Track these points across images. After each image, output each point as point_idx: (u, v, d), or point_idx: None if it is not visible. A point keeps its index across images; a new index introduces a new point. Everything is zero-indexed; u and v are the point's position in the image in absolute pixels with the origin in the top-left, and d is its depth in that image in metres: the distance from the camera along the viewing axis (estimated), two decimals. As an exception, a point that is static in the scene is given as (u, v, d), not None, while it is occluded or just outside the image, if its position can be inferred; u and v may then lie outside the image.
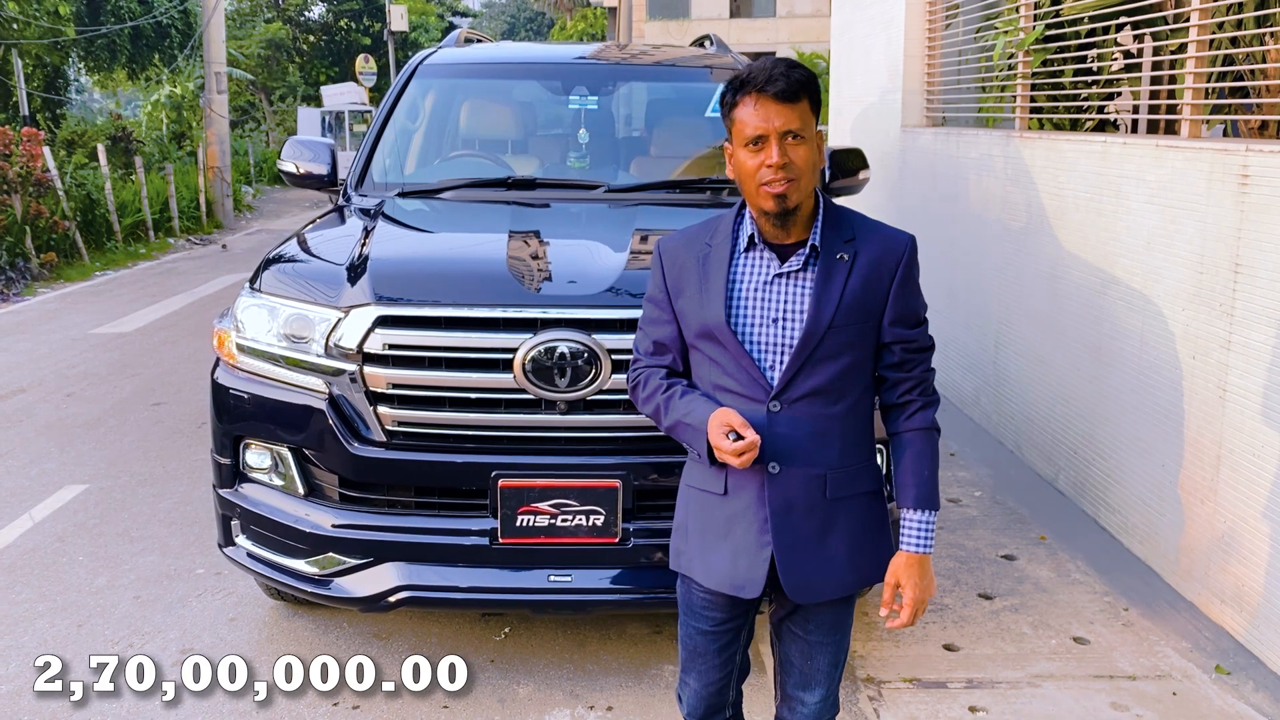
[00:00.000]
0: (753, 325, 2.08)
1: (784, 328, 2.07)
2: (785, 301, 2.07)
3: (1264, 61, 4.23)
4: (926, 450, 2.16)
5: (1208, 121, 4.76)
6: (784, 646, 2.30)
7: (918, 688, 3.43)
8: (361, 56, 33.64)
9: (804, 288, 2.07)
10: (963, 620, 3.87)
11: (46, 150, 13.11)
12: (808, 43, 29.37)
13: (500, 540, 3.05)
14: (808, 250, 2.09)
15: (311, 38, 41.87)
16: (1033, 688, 3.43)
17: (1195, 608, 3.89)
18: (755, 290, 2.09)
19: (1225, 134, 5.02)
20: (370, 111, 30.91)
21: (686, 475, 2.23)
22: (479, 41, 5.68)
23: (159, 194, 16.64)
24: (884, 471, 2.68)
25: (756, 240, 2.11)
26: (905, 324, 2.14)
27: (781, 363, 2.07)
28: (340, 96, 29.86)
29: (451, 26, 46.44)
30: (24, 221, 12.30)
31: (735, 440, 1.99)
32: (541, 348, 2.99)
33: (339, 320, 3.13)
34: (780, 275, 2.09)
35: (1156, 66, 4.70)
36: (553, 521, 3.03)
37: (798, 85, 2.01)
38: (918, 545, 2.15)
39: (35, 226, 12.54)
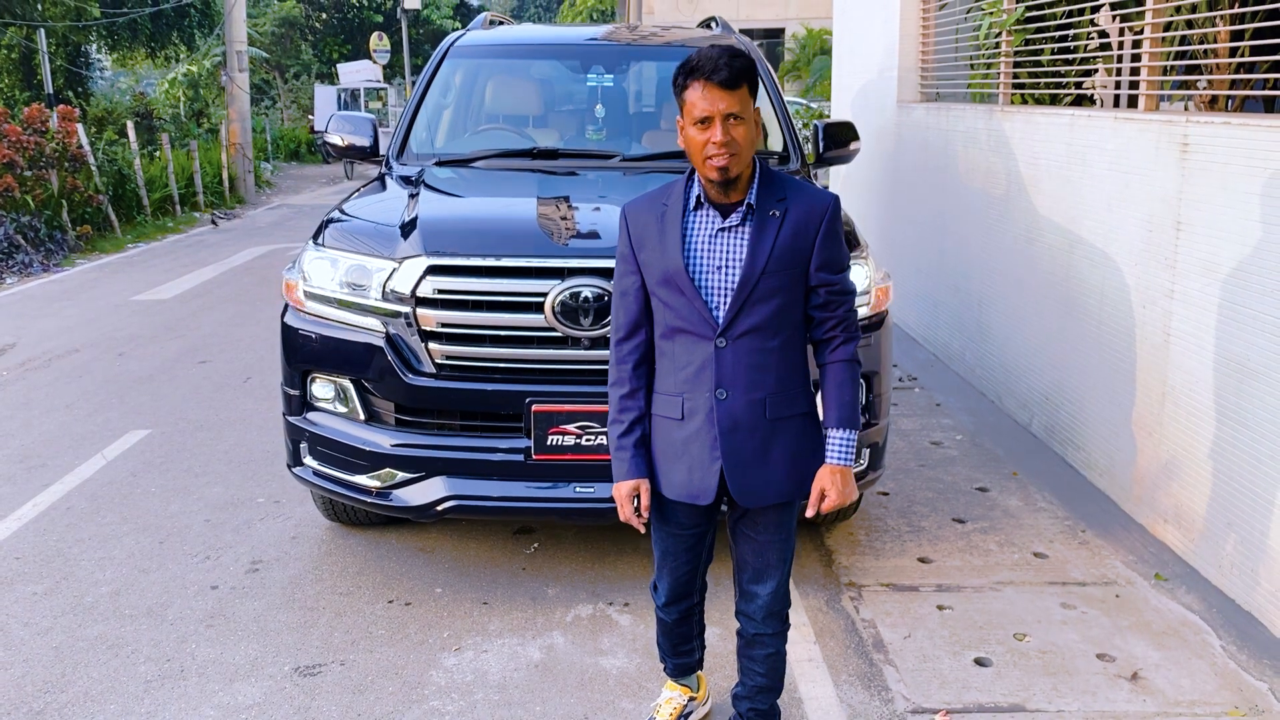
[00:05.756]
0: (702, 271, 2.47)
1: (726, 274, 2.46)
2: (727, 251, 2.47)
3: (1215, 41, 4.69)
4: (848, 379, 2.55)
5: (1169, 97, 5.23)
6: (739, 548, 2.75)
7: (892, 590, 3.95)
8: (375, 34, 34.06)
9: (743, 240, 2.46)
10: (937, 539, 4.38)
11: (80, 127, 13.64)
12: (817, 19, 29.54)
13: (533, 457, 3.57)
14: (745, 208, 2.47)
15: (324, 15, 42.24)
16: (994, 591, 3.95)
17: (1143, 528, 4.40)
18: (703, 242, 2.48)
19: (1186, 109, 5.48)
20: (384, 89, 31.36)
21: (653, 407, 2.63)
22: (503, 24, 6.16)
23: (184, 170, 17.16)
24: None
25: (703, 200, 2.49)
26: (829, 270, 2.51)
27: (725, 304, 2.46)
28: (356, 74, 30.34)
29: (462, 4, 46.73)
30: (61, 195, 12.86)
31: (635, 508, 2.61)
32: (568, 292, 3.50)
33: (394, 270, 3.65)
34: (723, 229, 2.48)
35: (1122, 46, 5.17)
36: (578, 441, 3.54)
37: (739, 74, 2.36)
38: (840, 459, 2.55)
39: (71, 200, 13.10)
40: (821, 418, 2.63)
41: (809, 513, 2.60)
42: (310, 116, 31.76)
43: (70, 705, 3.25)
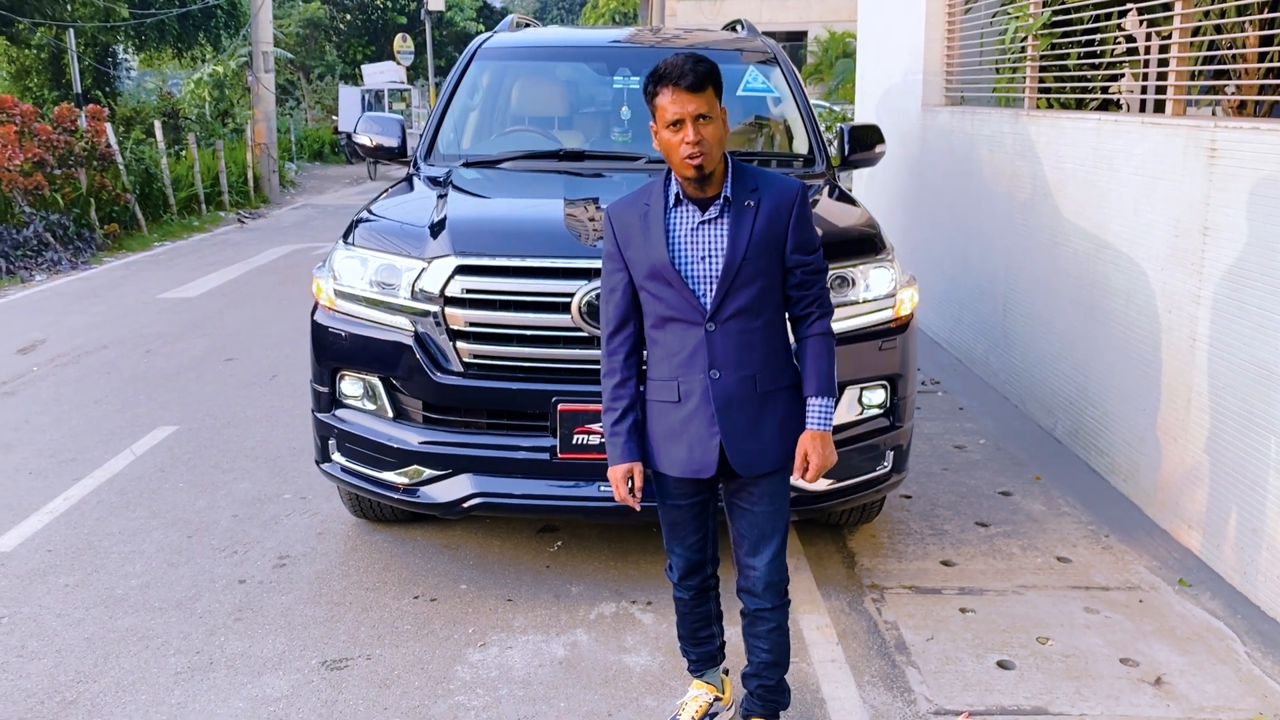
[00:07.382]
0: (687, 263, 2.64)
1: (710, 263, 2.63)
2: (709, 242, 2.64)
3: (1244, 47, 4.68)
4: (824, 350, 2.73)
5: (1197, 102, 5.22)
6: (736, 523, 2.85)
7: (915, 593, 3.96)
8: (400, 36, 34.26)
9: (722, 231, 2.64)
10: (960, 543, 4.38)
11: (108, 126, 13.78)
12: (839, 22, 29.50)
13: (559, 456, 3.60)
14: (722, 201, 2.64)
15: (348, 17, 42.47)
16: (1017, 595, 3.95)
17: (1167, 534, 4.39)
18: (686, 236, 2.65)
19: (1214, 114, 5.46)
20: (408, 90, 31.52)
21: (648, 394, 2.77)
22: (529, 26, 6.20)
23: (209, 169, 17.32)
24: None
25: (682, 197, 2.66)
26: (803, 251, 2.69)
27: (711, 291, 2.63)
28: (380, 75, 30.53)
29: (485, 6, 46.92)
30: (89, 194, 13.00)
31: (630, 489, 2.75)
32: (594, 292, 3.53)
33: (423, 270, 3.69)
34: (703, 222, 2.65)
35: (1150, 50, 5.15)
36: (604, 440, 3.56)
37: (704, 77, 2.54)
38: (819, 424, 2.72)
39: (99, 199, 13.24)
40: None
41: (794, 477, 2.74)
42: (334, 117, 31.94)
43: (102, 695, 3.30)
